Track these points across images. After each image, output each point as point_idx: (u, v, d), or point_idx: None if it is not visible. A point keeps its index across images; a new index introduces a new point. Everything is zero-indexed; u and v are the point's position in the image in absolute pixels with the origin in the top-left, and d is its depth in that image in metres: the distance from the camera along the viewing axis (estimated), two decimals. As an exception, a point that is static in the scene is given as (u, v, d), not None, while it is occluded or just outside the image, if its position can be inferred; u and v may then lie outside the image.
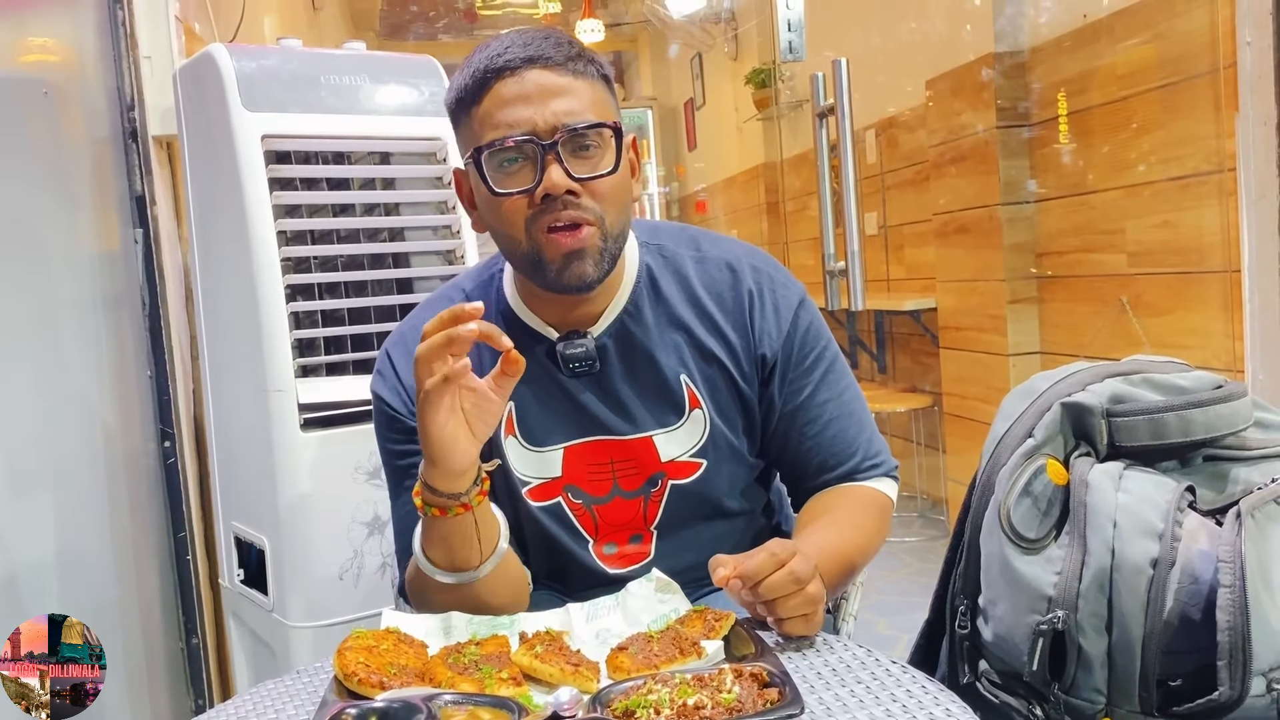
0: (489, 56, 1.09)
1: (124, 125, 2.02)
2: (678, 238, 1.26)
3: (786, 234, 5.94)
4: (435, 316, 1.01)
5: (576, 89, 1.09)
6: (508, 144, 1.08)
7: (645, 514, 1.24)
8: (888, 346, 4.78)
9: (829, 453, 1.24)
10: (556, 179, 1.07)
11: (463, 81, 1.11)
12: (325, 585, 1.73)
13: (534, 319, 1.20)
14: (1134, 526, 1.00)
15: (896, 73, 4.34)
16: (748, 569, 0.97)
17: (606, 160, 1.11)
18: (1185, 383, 1.10)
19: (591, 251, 1.10)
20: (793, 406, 1.23)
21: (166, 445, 2.04)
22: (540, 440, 1.21)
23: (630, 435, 1.21)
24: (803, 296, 1.24)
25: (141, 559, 1.95)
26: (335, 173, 1.79)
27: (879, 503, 1.25)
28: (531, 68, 1.08)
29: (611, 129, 1.10)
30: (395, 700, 0.88)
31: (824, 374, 1.24)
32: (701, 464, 1.22)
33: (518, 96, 1.08)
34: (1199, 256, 2.72)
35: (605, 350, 1.19)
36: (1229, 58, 2.51)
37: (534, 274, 1.13)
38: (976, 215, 3.61)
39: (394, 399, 1.22)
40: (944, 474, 4.16)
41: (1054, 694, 1.03)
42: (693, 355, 1.20)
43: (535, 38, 1.10)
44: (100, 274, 1.89)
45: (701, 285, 1.21)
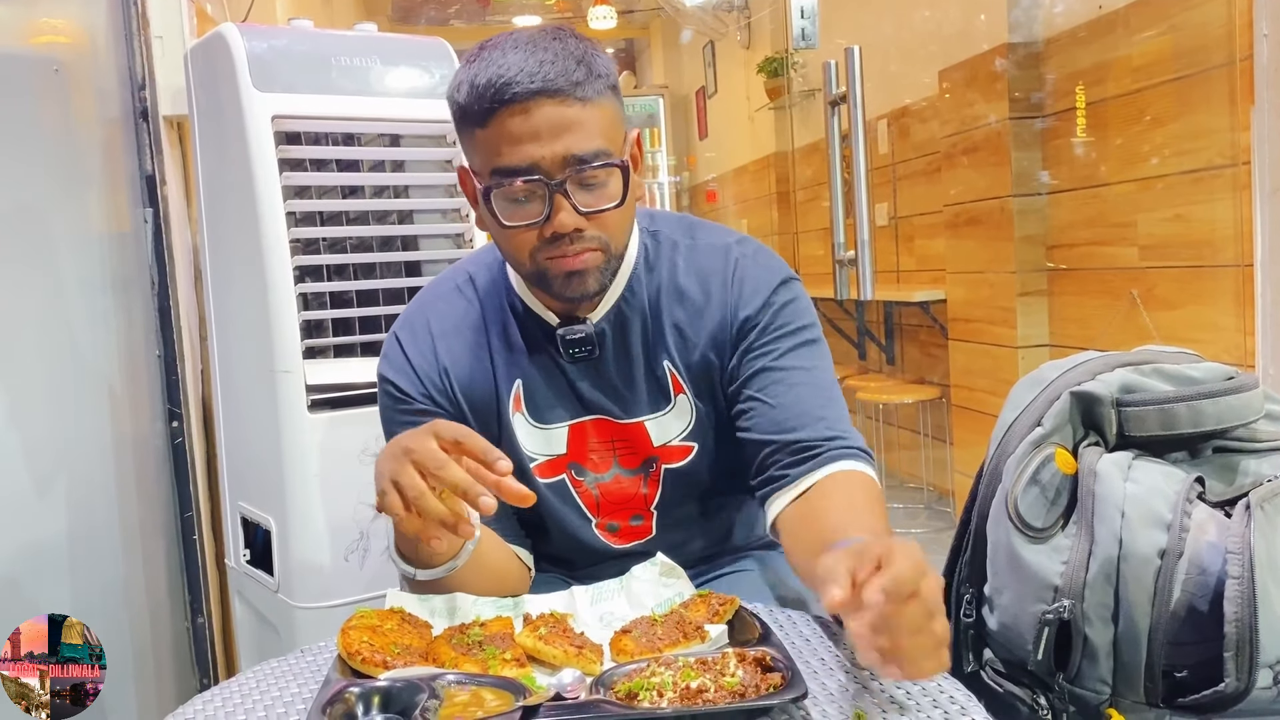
0: (496, 82, 1.04)
1: (135, 105, 2.01)
2: (674, 225, 1.26)
3: (797, 224, 5.93)
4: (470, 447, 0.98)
5: (584, 119, 1.07)
6: (517, 184, 1.07)
7: (645, 494, 1.25)
8: (896, 338, 4.77)
9: (793, 414, 1.15)
10: (565, 220, 1.07)
11: (467, 98, 1.07)
12: (330, 566, 1.73)
13: (538, 305, 1.21)
14: (1142, 517, 0.99)
15: (909, 62, 4.32)
16: (881, 593, 0.76)
17: (613, 192, 1.10)
18: (1196, 373, 1.10)
19: (593, 271, 1.11)
20: (760, 367, 1.18)
21: (174, 425, 2.05)
22: (546, 418, 1.23)
23: (624, 420, 1.22)
24: (788, 277, 1.23)
25: (148, 538, 1.95)
26: (345, 154, 1.79)
27: (877, 492, 1.14)
28: (541, 102, 1.04)
29: (619, 166, 1.09)
30: (399, 680, 0.88)
31: (798, 346, 1.19)
32: (693, 447, 1.23)
33: (527, 134, 1.05)
34: (1211, 250, 2.71)
35: (603, 335, 1.20)
36: (1245, 50, 2.49)
37: (538, 285, 1.16)
38: (988, 207, 3.59)
39: (403, 381, 1.23)
40: (951, 466, 4.15)
41: (1059, 684, 1.03)
42: (676, 341, 1.21)
43: (544, 60, 1.05)
44: (109, 254, 1.90)
45: (691, 271, 1.21)
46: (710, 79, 7.57)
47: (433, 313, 1.25)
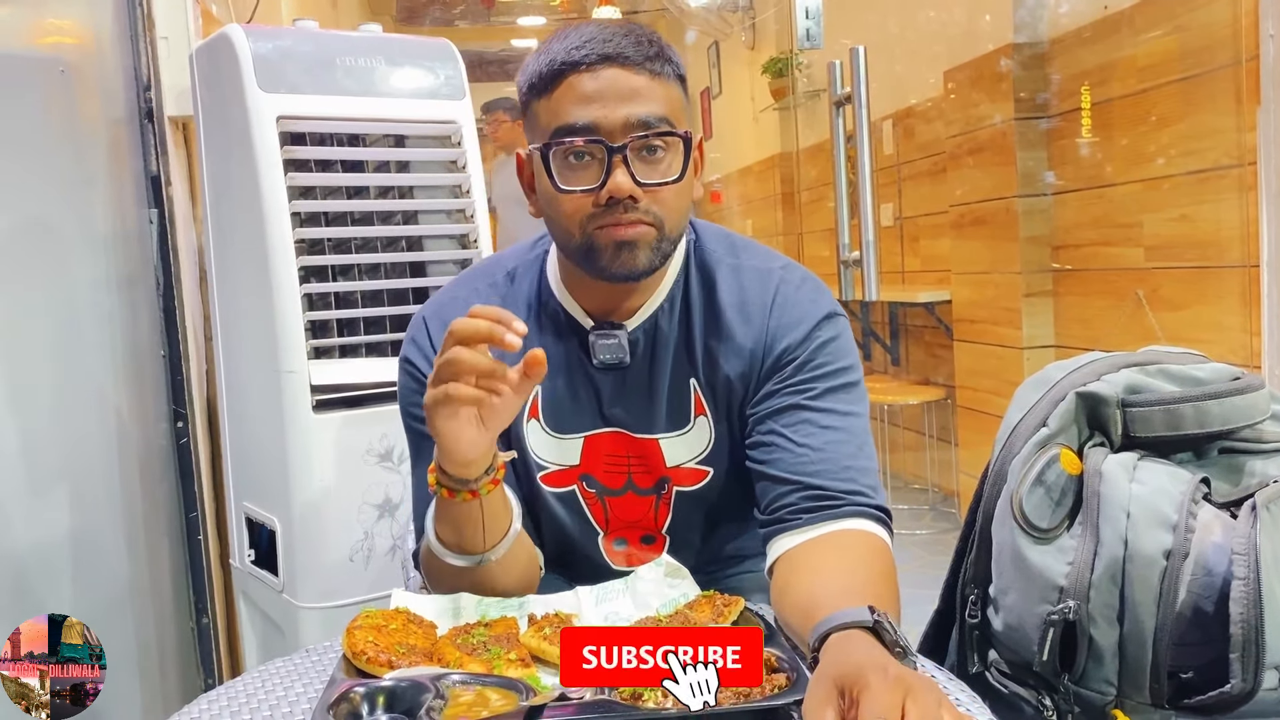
0: (567, 49, 1.07)
1: (140, 105, 2.02)
2: (720, 242, 1.22)
3: (801, 224, 5.93)
4: (489, 309, 0.98)
5: (651, 91, 1.07)
6: (576, 143, 1.06)
7: (656, 515, 1.23)
8: (901, 338, 4.76)
9: (816, 459, 1.09)
10: (622, 183, 1.05)
11: (537, 69, 1.09)
12: (335, 566, 1.74)
13: (573, 305, 1.18)
14: (1147, 517, 0.99)
15: (914, 63, 4.31)
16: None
17: (673, 167, 1.08)
18: (1202, 374, 1.09)
19: (644, 245, 1.08)
20: (792, 404, 1.13)
21: (179, 425, 2.05)
22: (563, 427, 1.20)
23: (640, 435, 1.19)
24: (833, 311, 1.18)
25: (153, 538, 1.96)
26: (350, 155, 1.79)
27: (886, 558, 1.07)
28: (608, 66, 1.06)
29: (681, 137, 1.08)
30: (403, 679, 0.88)
31: (836, 389, 1.14)
32: (708, 472, 1.20)
33: (592, 94, 1.06)
34: (1217, 251, 2.70)
35: (636, 345, 1.17)
36: (1251, 50, 2.49)
37: (585, 262, 1.11)
38: (993, 207, 3.59)
39: (425, 366, 1.19)
40: (956, 467, 4.15)
41: (1064, 684, 1.02)
42: (706, 362, 1.17)
43: (615, 34, 1.07)
44: (115, 254, 1.90)
45: (732, 291, 1.18)
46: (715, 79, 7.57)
47: (462, 308, 1.21)
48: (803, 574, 1.03)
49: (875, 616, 0.85)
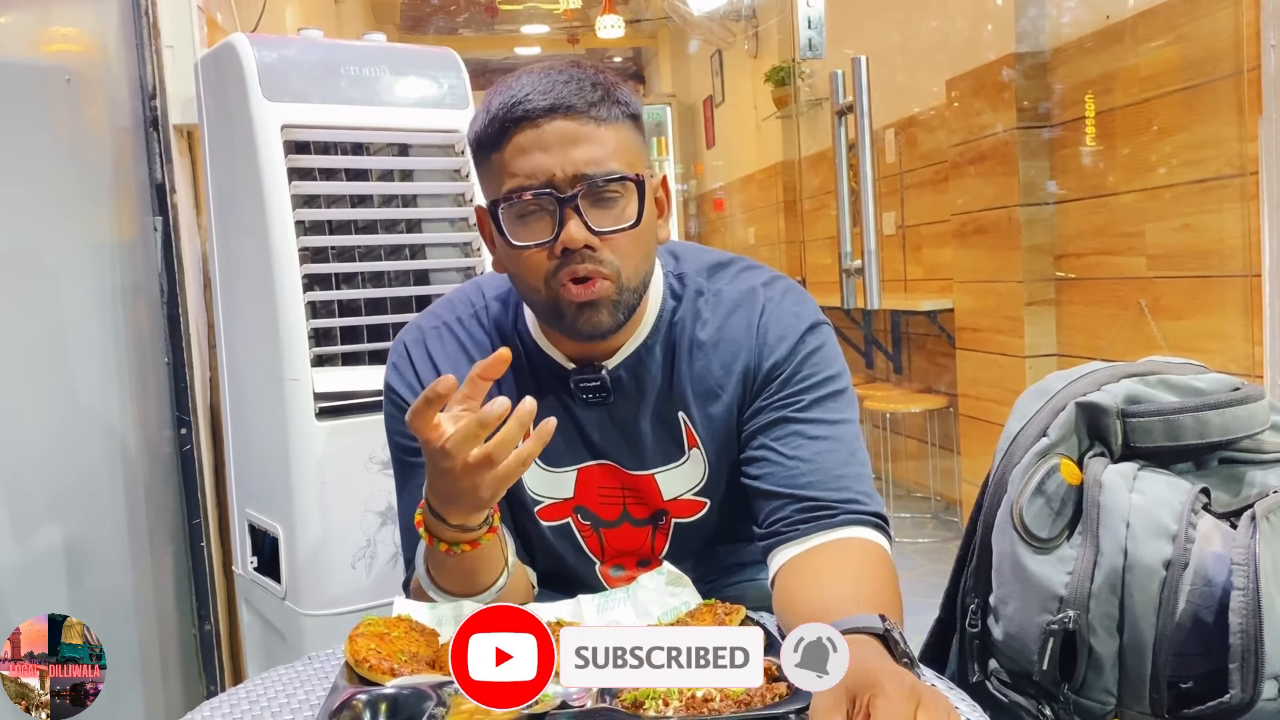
0: (508, 103, 1.04)
1: (145, 114, 2.03)
2: (699, 266, 1.20)
3: (803, 233, 5.93)
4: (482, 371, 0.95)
5: (599, 136, 1.04)
6: (526, 198, 1.04)
7: (653, 545, 1.22)
8: (903, 347, 4.76)
9: (808, 470, 1.10)
10: (575, 234, 1.03)
11: (482, 125, 1.06)
12: (338, 574, 1.74)
13: (552, 349, 1.17)
14: (1147, 527, 0.99)
15: (916, 72, 4.32)
16: None
17: (628, 212, 1.06)
18: (1202, 384, 1.10)
19: (605, 303, 1.06)
20: (780, 417, 1.13)
21: (183, 432, 2.06)
22: (555, 461, 1.19)
23: (634, 471, 1.18)
24: (816, 321, 1.17)
25: (156, 545, 1.96)
26: (354, 164, 1.80)
27: (886, 564, 1.07)
28: (552, 117, 1.03)
29: (634, 181, 1.06)
30: (406, 687, 0.88)
31: (824, 398, 1.13)
32: (705, 503, 1.19)
33: (537, 146, 1.03)
34: (1219, 260, 2.70)
35: (619, 382, 1.15)
36: (1253, 60, 2.50)
37: (552, 322, 1.11)
38: (995, 216, 3.59)
39: (410, 395, 1.19)
40: (958, 476, 4.15)
41: (1064, 694, 1.03)
42: (695, 394, 1.16)
43: (556, 82, 1.03)
44: (119, 262, 1.91)
45: (715, 322, 1.16)
46: (718, 88, 7.58)
47: (445, 336, 1.20)
48: (806, 582, 1.04)
49: (885, 625, 0.85)
